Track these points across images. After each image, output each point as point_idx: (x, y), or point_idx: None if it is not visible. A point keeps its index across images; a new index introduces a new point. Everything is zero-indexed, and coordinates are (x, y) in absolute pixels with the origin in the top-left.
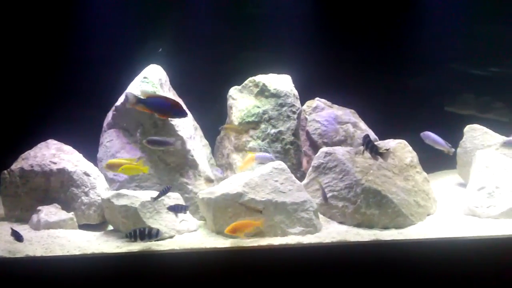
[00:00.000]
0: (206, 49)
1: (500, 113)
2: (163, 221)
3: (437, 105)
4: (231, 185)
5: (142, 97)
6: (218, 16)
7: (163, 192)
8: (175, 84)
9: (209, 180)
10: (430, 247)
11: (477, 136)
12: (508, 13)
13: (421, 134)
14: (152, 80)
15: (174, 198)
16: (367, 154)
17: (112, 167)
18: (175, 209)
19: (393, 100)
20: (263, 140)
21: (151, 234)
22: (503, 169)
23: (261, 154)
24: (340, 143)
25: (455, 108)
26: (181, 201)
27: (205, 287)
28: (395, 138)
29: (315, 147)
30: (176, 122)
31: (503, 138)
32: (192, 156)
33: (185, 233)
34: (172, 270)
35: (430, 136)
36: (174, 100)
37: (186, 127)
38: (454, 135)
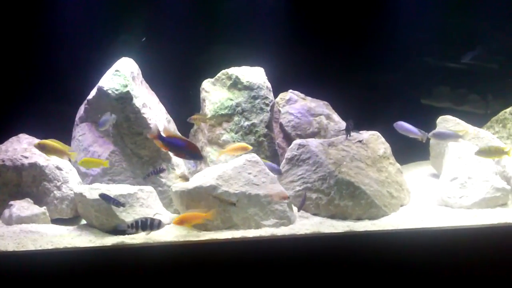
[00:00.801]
0: (179, 41)
1: (476, 105)
2: (136, 215)
3: (413, 98)
4: (205, 177)
5: (163, 135)
6: (192, 8)
7: (157, 171)
8: (148, 77)
9: (185, 178)
10: (403, 238)
11: (450, 127)
12: (482, 7)
13: (394, 124)
14: (124, 73)
15: (147, 191)
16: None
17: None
18: (106, 198)
19: (368, 93)
20: (236, 133)
21: (153, 225)
22: (475, 160)
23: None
24: (313, 135)
25: (431, 101)
26: (154, 195)
27: (179, 280)
28: (370, 130)
29: (288, 139)
30: (148, 115)
31: (475, 128)
32: None
33: None
34: (145, 263)
35: (403, 126)
36: (190, 142)
37: (159, 120)
38: (430, 127)
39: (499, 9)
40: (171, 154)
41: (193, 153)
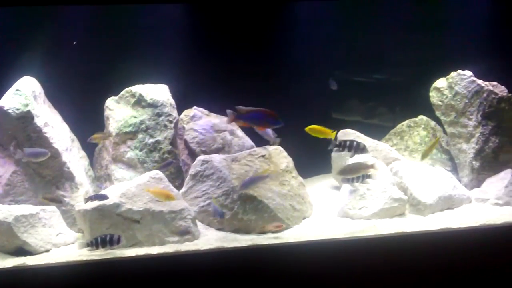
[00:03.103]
0: (83, 60)
1: (384, 119)
2: (38, 235)
3: (324, 112)
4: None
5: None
6: (95, 26)
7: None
8: (51, 96)
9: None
10: (305, 250)
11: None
12: (389, 23)
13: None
14: (24, 92)
15: (50, 211)
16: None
17: None
18: None
19: (275, 108)
20: (141, 150)
21: (113, 241)
22: (373, 171)
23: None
24: (218, 151)
25: (342, 115)
26: (57, 214)
27: None
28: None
29: (193, 155)
30: (50, 134)
31: (373, 141)
32: (68, 168)
33: (62, 246)
34: (48, 284)
35: (266, 132)
36: (265, 110)
37: (62, 139)
38: None
39: (404, 23)
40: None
41: (274, 119)
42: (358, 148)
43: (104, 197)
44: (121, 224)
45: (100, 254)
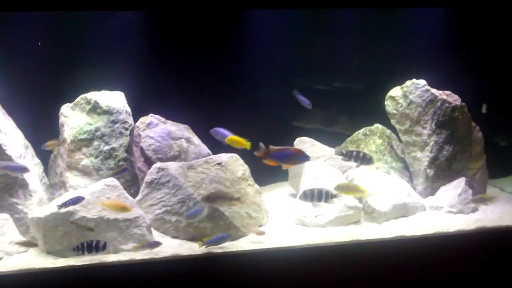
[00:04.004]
0: (38, 66)
1: (344, 127)
2: None
3: (284, 120)
4: None
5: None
6: (51, 32)
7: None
8: (5, 103)
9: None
10: (260, 257)
11: (306, 148)
12: (348, 31)
13: (211, 131)
14: None
15: (2, 218)
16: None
17: None
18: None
19: (233, 115)
20: (96, 158)
21: (98, 247)
22: (330, 180)
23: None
24: (174, 158)
25: (303, 123)
26: (10, 222)
27: None
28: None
29: (149, 163)
30: (3, 141)
31: (329, 149)
32: (22, 175)
33: (14, 254)
34: None
35: (220, 132)
36: (295, 149)
37: (15, 146)
38: None
39: (363, 32)
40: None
41: (303, 157)
42: (364, 159)
43: (79, 199)
44: (75, 232)
45: (53, 262)
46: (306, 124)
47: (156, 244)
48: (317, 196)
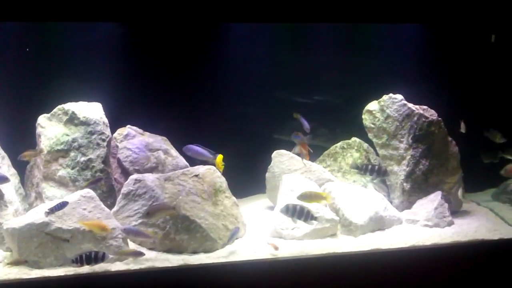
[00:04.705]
0: (15, 76)
1: (324, 139)
2: None
3: (265, 132)
4: (37, 214)
5: None
6: (29, 43)
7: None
8: None
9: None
10: (236, 270)
11: (284, 161)
12: (329, 45)
13: (183, 148)
14: None
15: None
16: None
17: None
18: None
19: (213, 128)
20: (72, 168)
21: (98, 258)
22: None
23: None
24: (151, 170)
25: (283, 135)
26: None
27: None
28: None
29: (126, 174)
30: None
31: (307, 162)
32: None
33: None
34: None
35: (193, 149)
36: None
37: None
38: None
39: (342, 47)
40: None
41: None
42: (380, 172)
43: (64, 204)
44: (50, 243)
45: (28, 272)
46: (286, 137)
47: (140, 254)
48: (298, 213)
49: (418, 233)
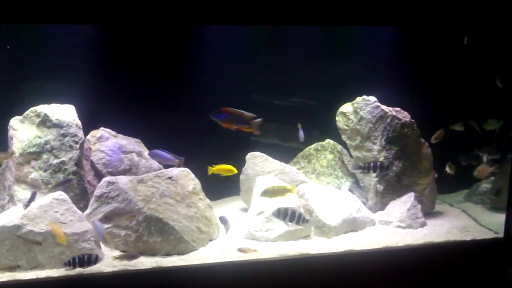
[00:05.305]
0: None
1: (301, 142)
2: None
3: (242, 135)
4: (9, 217)
5: None
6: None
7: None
8: None
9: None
10: (210, 272)
11: (258, 163)
12: (304, 47)
13: (148, 153)
14: None
15: None
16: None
17: None
18: None
19: (187, 130)
20: (45, 171)
21: (90, 260)
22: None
23: None
24: (125, 172)
25: (260, 137)
26: None
27: None
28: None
29: (100, 176)
30: None
31: (281, 164)
32: None
33: None
34: None
35: (157, 153)
36: None
37: None
38: None
39: (317, 49)
40: None
41: None
42: (383, 167)
43: (34, 194)
44: (22, 246)
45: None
46: (263, 139)
47: (135, 256)
48: (290, 216)
49: (391, 234)
